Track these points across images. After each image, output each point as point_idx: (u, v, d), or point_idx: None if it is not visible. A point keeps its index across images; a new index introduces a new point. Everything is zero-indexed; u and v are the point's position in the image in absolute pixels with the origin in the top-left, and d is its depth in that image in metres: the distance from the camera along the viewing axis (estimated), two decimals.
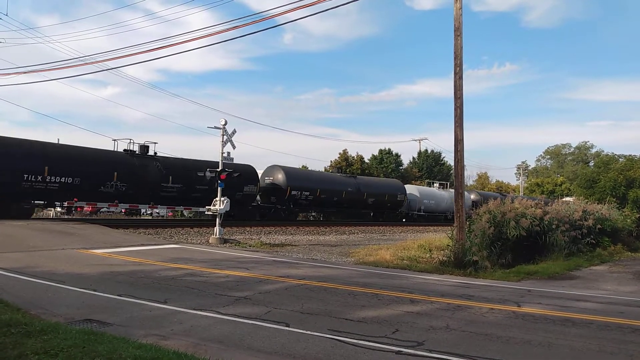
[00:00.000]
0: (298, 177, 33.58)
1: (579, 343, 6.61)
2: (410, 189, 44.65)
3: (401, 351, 5.87)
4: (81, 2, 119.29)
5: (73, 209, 24.13)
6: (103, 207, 25.27)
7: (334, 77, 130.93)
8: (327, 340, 6.19)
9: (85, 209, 25.38)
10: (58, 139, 22.85)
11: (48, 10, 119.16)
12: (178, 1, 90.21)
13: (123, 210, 28.23)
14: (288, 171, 32.98)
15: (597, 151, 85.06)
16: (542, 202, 18.54)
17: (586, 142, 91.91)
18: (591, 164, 78.20)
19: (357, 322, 7.23)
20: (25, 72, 26.47)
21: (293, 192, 31.72)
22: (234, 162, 30.82)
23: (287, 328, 6.68)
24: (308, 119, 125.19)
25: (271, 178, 32.19)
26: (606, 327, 7.63)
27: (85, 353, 4.81)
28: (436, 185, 48.84)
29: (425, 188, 48.09)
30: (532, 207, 17.98)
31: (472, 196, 47.42)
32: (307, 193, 32.90)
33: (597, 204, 24.75)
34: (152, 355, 4.89)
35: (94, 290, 8.41)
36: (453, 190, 46.91)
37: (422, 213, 43.92)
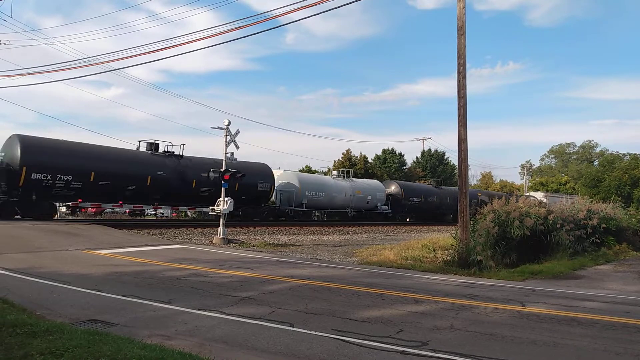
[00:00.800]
0: (49, 153, 21.67)
1: (584, 343, 6.59)
2: (286, 176, 33.88)
3: (406, 351, 5.87)
4: (84, 3, 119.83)
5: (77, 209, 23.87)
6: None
7: (337, 77, 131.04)
8: (331, 340, 6.19)
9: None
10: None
11: (51, 11, 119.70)
12: (181, 2, 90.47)
13: None
14: (29, 143, 21.37)
15: (601, 150, 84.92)
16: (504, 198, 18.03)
17: (590, 141, 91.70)
18: (595, 163, 78.00)
19: (362, 322, 7.23)
20: (29, 74, 26.49)
21: (35, 176, 20.78)
22: None
23: (291, 328, 6.69)
24: (311, 119, 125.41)
25: (2, 155, 21.70)
26: (612, 327, 7.60)
27: (90, 353, 4.83)
28: (334, 173, 39.03)
29: (311, 175, 38.16)
30: (536, 206, 17.92)
31: (392, 188, 41.74)
32: (68, 177, 21.75)
33: (602, 203, 24.68)
34: (157, 355, 4.90)
35: (99, 291, 8.44)
36: (359, 180, 44.03)
37: (304, 209, 33.30)
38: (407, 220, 43.18)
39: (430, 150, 68.54)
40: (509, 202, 17.21)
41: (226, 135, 19.53)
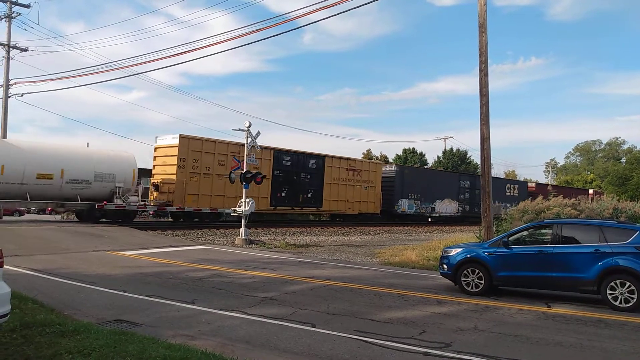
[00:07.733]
0: None
1: (612, 345, 6.45)
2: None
3: (428, 352, 5.83)
4: (104, 8, 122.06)
5: None
6: None
7: (355, 77, 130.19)
8: (353, 340, 6.19)
9: None
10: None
11: (74, 17, 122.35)
12: (200, 6, 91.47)
13: None
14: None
15: (629, 147, 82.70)
16: None
17: (617, 137, 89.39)
18: (623, 160, 76.14)
19: (384, 322, 7.21)
20: (55, 79, 27.13)
21: None
22: None
23: (313, 328, 6.70)
24: (329, 119, 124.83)
25: None
26: None
27: (116, 353, 4.93)
28: None
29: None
30: (568, 206, 17.57)
31: None
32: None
33: (629, 201, 24.06)
34: (181, 355, 4.98)
35: (124, 291, 8.60)
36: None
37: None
38: None
39: (452, 149, 67.79)
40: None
41: (247, 137, 19.64)
